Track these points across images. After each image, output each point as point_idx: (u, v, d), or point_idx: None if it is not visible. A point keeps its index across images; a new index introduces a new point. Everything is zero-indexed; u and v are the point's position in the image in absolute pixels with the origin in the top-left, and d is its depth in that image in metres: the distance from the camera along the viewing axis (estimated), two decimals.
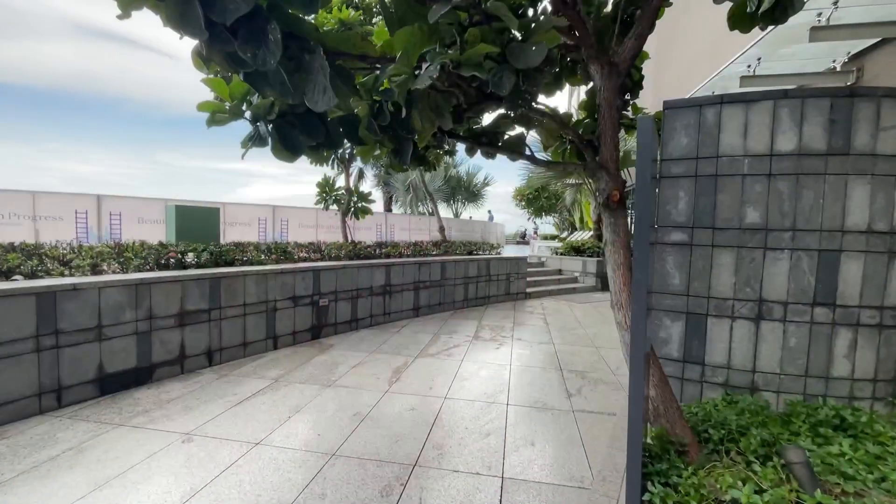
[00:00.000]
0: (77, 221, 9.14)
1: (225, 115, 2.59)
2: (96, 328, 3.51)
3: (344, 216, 7.36)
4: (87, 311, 3.45)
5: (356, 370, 4.37)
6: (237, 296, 4.58)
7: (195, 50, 2.17)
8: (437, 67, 1.84)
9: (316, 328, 5.52)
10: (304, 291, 5.32)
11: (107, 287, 3.55)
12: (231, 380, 4.03)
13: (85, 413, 3.26)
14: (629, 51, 2.71)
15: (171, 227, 4.84)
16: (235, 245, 5.39)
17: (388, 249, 7.07)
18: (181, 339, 4.11)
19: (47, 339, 3.23)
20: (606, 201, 2.69)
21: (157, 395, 3.62)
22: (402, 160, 3.27)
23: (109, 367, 3.60)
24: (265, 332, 4.91)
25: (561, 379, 4.26)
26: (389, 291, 6.59)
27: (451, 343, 5.51)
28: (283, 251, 5.59)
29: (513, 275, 9.01)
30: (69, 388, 3.37)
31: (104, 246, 4.39)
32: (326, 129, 2.92)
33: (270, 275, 4.91)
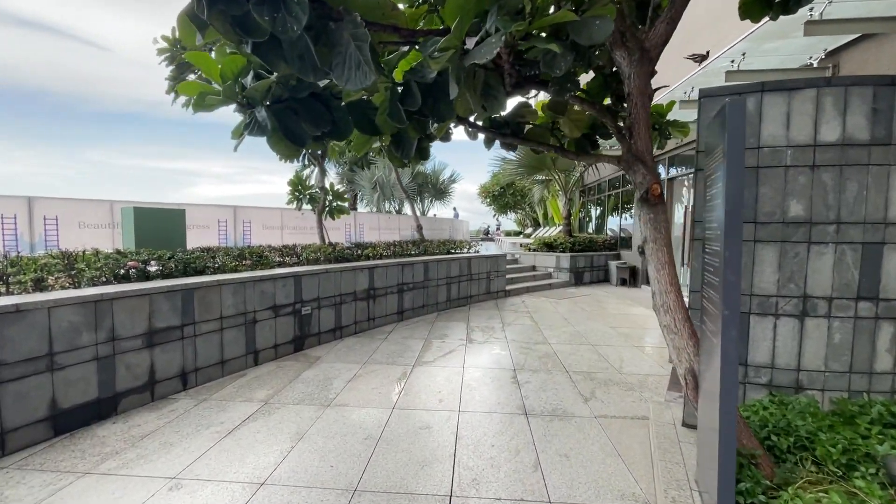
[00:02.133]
0: (4, 227, 7.96)
1: (217, 97, 2.16)
2: (47, 356, 2.93)
3: (320, 216, 6.85)
4: (35, 337, 2.87)
5: (353, 385, 3.99)
6: (213, 308, 4.06)
7: (187, 11, 1.75)
8: (501, 38, 1.55)
9: (299, 339, 5.06)
10: (285, 300, 4.85)
11: (58, 306, 2.98)
12: (213, 405, 3.54)
13: (37, 461, 2.70)
14: (660, 36, 2.54)
15: (129, 232, 4.22)
16: (204, 250, 4.82)
17: (368, 251, 6.67)
18: (150, 362, 3.56)
19: None
20: (645, 195, 2.51)
21: (127, 431, 3.09)
22: (406, 153, 2.95)
23: (64, 401, 3.03)
24: (244, 346, 4.40)
25: (570, 382, 4.09)
26: (374, 296, 6.20)
27: (445, 348, 5.23)
28: (259, 256, 5.07)
29: (493, 273, 8.84)
30: (14, 432, 2.79)
31: (49, 256, 3.74)
32: (332, 116, 2.56)
33: (249, 283, 4.40)
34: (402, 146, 2.93)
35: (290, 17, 1.58)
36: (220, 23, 1.64)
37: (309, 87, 2.39)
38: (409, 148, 2.89)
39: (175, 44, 5.78)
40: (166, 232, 4.49)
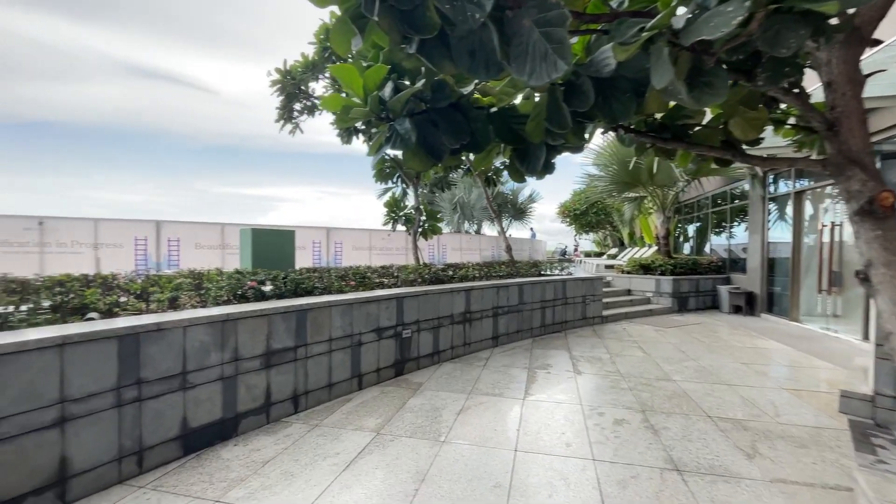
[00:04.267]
0: (136, 248, 8.99)
1: (362, 110, 2.03)
2: (180, 375, 2.98)
3: (415, 236, 6.81)
4: (172, 356, 2.93)
5: (465, 419, 3.69)
6: (323, 330, 4.01)
7: (349, 14, 1.63)
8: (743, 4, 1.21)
9: (399, 363, 4.89)
10: (387, 322, 4.72)
11: (192, 325, 3.04)
12: (325, 432, 3.42)
13: (170, 482, 2.69)
14: (877, 10, 2.03)
15: (247, 252, 4.38)
16: (309, 270, 4.88)
17: (463, 272, 6.45)
18: (267, 383, 3.55)
19: (129, 391, 2.71)
20: (869, 207, 1.97)
21: (248, 456, 3.03)
22: (531, 167, 2.63)
23: (194, 420, 3.05)
24: (350, 370, 4.31)
25: (718, 430, 3.44)
26: (469, 319, 5.93)
27: (553, 381, 4.77)
28: (362, 277, 5.04)
29: (588, 297, 8.21)
30: (151, 449, 2.83)
31: (179, 274, 3.94)
32: (471, 127, 2.35)
33: (356, 304, 4.33)
34: (527, 159, 2.63)
35: (471, 5, 1.38)
36: (387, 20, 1.49)
37: (449, 96, 2.20)
38: (536, 161, 2.59)
39: (286, 75, 6.11)
40: (278, 252, 4.61)
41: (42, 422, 2.35)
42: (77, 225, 8.87)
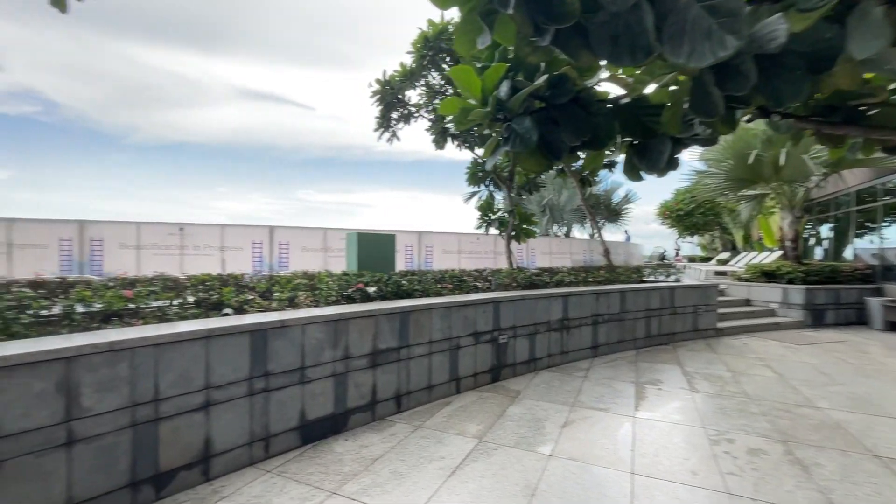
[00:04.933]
0: (254, 251, 10.10)
1: (483, 111, 1.99)
2: (300, 370, 3.19)
3: (509, 240, 6.70)
4: (293, 351, 3.15)
5: (570, 433, 3.48)
6: (424, 332, 4.07)
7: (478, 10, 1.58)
8: None
9: (496, 369, 4.81)
10: (484, 327, 4.67)
11: (310, 323, 3.24)
12: (428, 434, 3.44)
13: (292, 469, 2.88)
14: None
15: (353, 255, 4.63)
16: (410, 273, 5.00)
17: (558, 276, 6.18)
18: (373, 382, 3.68)
19: (259, 382, 2.96)
20: None
21: (358, 451, 3.15)
22: (653, 163, 2.38)
23: (310, 413, 3.25)
24: (448, 373, 4.32)
25: (892, 474, 2.84)
26: (567, 327, 5.65)
27: (666, 399, 4.33)
28: (459, 280, 5.05)
29: (700, 307, 7.41)
30: (276, 437, 3.06)
31: (294, 275, 4.26)
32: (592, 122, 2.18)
33: (454, 308, 4.34)
34: (648, 155, 2.39)
35: None
36: (521, 12, 1.42)
37: (570, 91, 2.07)
38: (659, 156, 2.34)
39: (385, 85, 6.38)
40: (381, 255, 4.80)
41: (192, 404, 2.65)
42: (208, 230, 10.22)
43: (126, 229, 10.76)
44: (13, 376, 2.02)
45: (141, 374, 2.43)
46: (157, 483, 2.51)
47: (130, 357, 2.39)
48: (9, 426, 2.02)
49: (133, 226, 10.81)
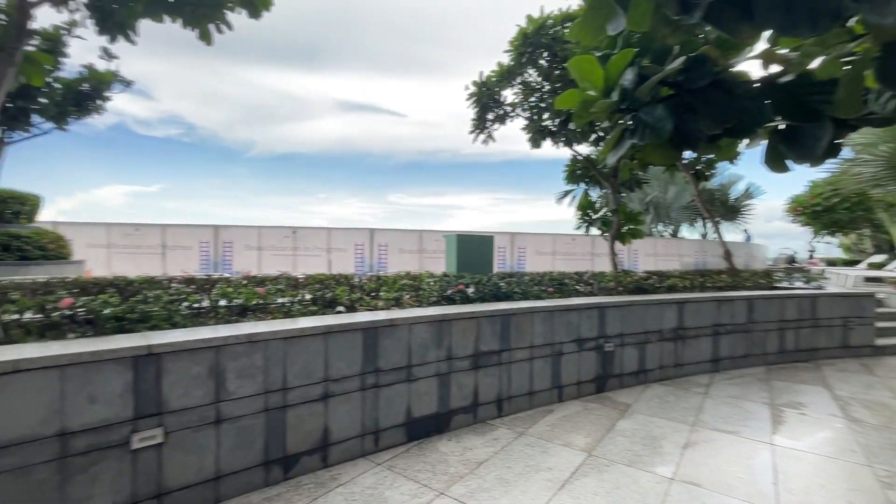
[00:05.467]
0: (356, 252, 10.83)
1: (607, 101, 1.85)
2: (406, 368, 3.29)
3: (612, 241, 6.29)
4: (401, 349, 3.25)
5: (694, 457, 3.12)
6: (525, 336, 3.96)
7: None
8: None
9: (601, 379, 4.51)
10: (588, 333, 4.41)
11: (416, 323, 3.32)
12: (532, 442, 3.33)
13: (400, 464, 2.97)
14: None
15: (452, 256, 4.69)
16: (507, 275, 4.91)
17: (670, 281, 5.63)
18: (475, 384, 3.66)
19: (370, 378, 3.11)
20: None
21: (463, 453, 3.14)
22: (809, 151, 2.01)
23: (416, 411, 3.33)
24: (550, 380, 4.15)
25: None
26: (682, 337, 5.12)
27: (812, 426, 3.70)
28: (560, 283, 4.84)
29: (852, 319, 6.25)
30: (384, 431, 3.18)
31: (399, 276, 4.42)
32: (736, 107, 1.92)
33: (556, 312, 4.16)
34: (801, 142, 2.03)
35: None
36: None
37: (709, 73, 1.83)
38: (816, 143, 1.97)
39: (482, 87, 6.37)
40: (479, 257, 4.80)
41: (313, 395, 2.85)
42: (316, 233, 11.20)
43: (250, 233, 12.25)
44: (178, 360, 2.34)
45: (272, 365, 2.68)
46: (284, 464, 2.75)
47: (264, 349, 2.64)
48: (174, 403, 2.34)
49: (255, 230, 12.27)
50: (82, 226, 12.33)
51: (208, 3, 3.65)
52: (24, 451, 1.95)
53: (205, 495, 2.46)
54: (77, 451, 2.07)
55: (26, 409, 1.96)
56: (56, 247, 8.85)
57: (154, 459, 2.28)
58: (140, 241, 12.68)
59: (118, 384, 2.17)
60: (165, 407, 2.31)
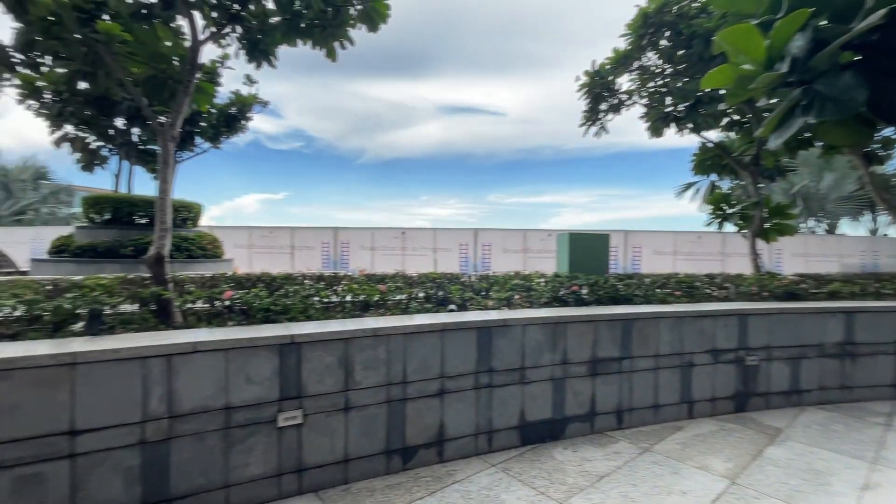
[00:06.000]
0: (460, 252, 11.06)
1: (773, 74, 1.58)
2: (519, 370, 3.21)
3: (754, 238, 5.47)
4: (514, 350, 3.19)
5: (878, 501, 2.55)
6: (649, 343, 3.62)
7: None
8: None
9: (741, 396, 3.94)
10: (726, 343, 3.88)
11: (530, 324, 3.23)
12: (659, 461, 3.02)
13: (514, 468, 2.90)
14: None
15: (564, 256, 4.49)
16: (626, 276, 4.55)
17: (834, 286, 4.70)
18: (592, 392, 3.44)
19: (483, 377, 3.09)
20: None
21: (581, 464, 2.97)
22: None
23: (529, 414, 3.24)
24: (679, 393, 3.74)
25: None
26: (851, 353, 4.25)
27: None
28: (690, 286, 4.34)
29: None
30: (497, 433, 3.15)
31: (509, 276, 4.35)
32: None
33: (686, 318, 3.73)
34: None
35: None
36: None
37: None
38: None
39: (594, 76, 6.01)
40: (593, 257, 4.52)
41: (430, 390, 2.93)
42: (423, 234, 11.68)
43: (364, 234, 13.25)
44: (314, 349, 2.57)
45: (394, 359, 2.80)
46: (403, 455, 2.86)
47: (387, 343, 2.77)
48: (311, 388, 2.57)
49: (369, 231, 13.24)
50: (229, 229, 14.47)
51: (334, 23, 3.98)
52: (200, 419, 2.30)
53: (335, 476, 2.66)
54: (237, 423, 2.38)
55: (201, 385, 2.30)
56: (213, 247, 10.47)
57: (295, 438, 2.53)
58: (273, 242, 14.48)
59: (268, 368, 2.45)
60: (304, 391, 2.55)
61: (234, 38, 4.04)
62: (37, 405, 1.96)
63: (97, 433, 2.08)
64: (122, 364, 2.12)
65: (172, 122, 3.37)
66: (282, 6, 3.86)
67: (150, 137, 10.35)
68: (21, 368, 1.93)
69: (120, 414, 2.12)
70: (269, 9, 3.91)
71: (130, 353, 2.14)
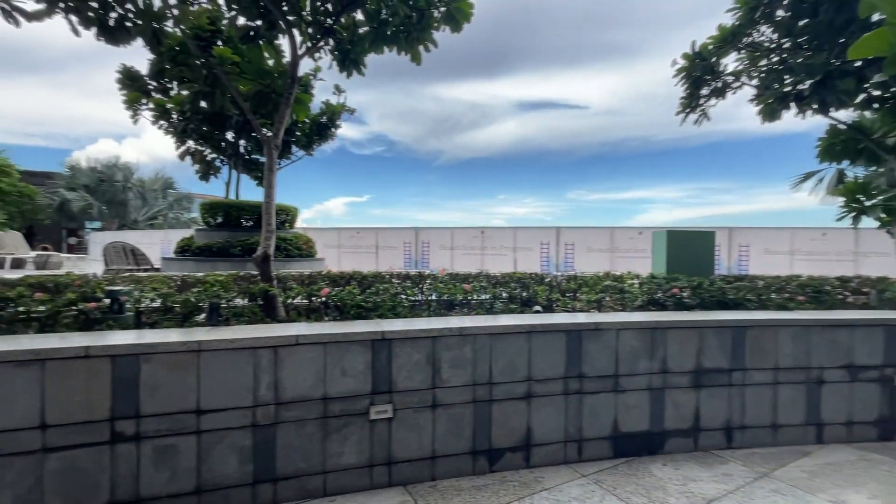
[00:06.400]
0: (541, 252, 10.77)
1: None
2: (613, 377, 3.01)
3: None
4: (606, 356, 3.00)
5: None
6: (765, 355, 3.20)
7: None
8: None
9: (888, 422, 3.33)
10: (867, 359, 3.30)
11: (624, 329, 3.02)
12: (781, 489, 2.64)
13: (608, 481, 2.72)
14: None
15: (661, 256, 4.14)
16: (735, 279, 4.07)
17: None
18: (695, 405, 3.13)
19: (572, 383, 2.95)
20: None
21: (684, 484, 2.70)
22: None
23: (623, 425, 3.03)
24: (803, 413, 3.26)
25: None
26: None
27: None
28: (817, 291, 3.77)
29: None
30: (588, 442, 2.98)
31: (597, 276, 4.12)
32: None
33: (814, 328, 3.24)
34: None
35: None
36: None
37: None
38: None
39: (694, 59, 5.47)
40: (696, 256, 4.10)
41: (516, 393, 2.85)
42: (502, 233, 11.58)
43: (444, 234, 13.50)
44: (403, 346, 2.63)
45: (479, 359, 2.78)
46: (489, 457, 2.82)
47: (473, 342, 2.76)
48: (400, 384, 2.63)
49: (448, 231, 13.46)
50: (320, 231, 15.56)
51: (419, 27, 4.06)
52: (301, 407, 2.46)
53: (423, 471, 2.70)
54: (333, 413, 2.52)
55: (302, 375, 2.46)
56: (307, 247, 11.32)
57: (385, 431, 2.61)
58: (360, 242, 15.31)
59: (361, 362, 2.56)
60: (394, 387, 2.62)
61: (326, 51, 4.30)
62: (171, 385, 2.23)
63: (217, 413, 2.31)
64: (237, 353, 2.34)
65: (276, 132, 3.66)
66: (370, 16, 4.03)
67: (254, 148, 11.47)
68: (159, 353, 2.21)
69: (235, 398, 2.34)
70: (359, 20, 4.10)
71: (244, 343, 2.35)
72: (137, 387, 2.18)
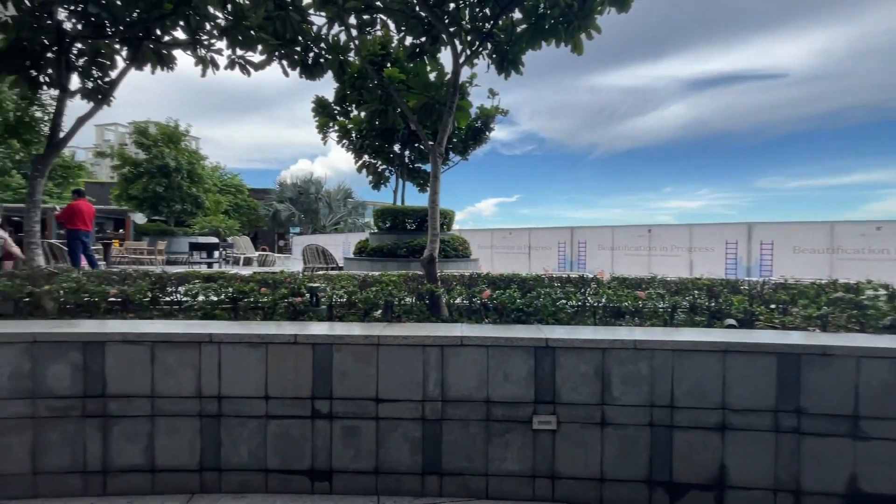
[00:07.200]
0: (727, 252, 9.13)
1: None
2: (849, 417, 2.31)
3: None
4: (839, 389, 2.32)
5: None
6: None
7: None
8: None
9: None
10: None
11: (868, 356, 2.29)
12: None
13: None
14: None
15: None
16: None
17: None
18: None
19: (787, 419, 2.36)
20: None
21: None
22: None
23: (865, 482, 2.29)
24: None
25: None
26: None
27: None
28: None
29: None
30: (809, 496, 2.34)
31: (821, 284, 3.24)
32: None
33: None
34: None
35: None
36: None
37: None
38: None
39: None
40: None
41: (706, 422, 2.42)
42: (674, 231, 10.19)
43: (603, 233, 12.58)
44: (568, 355, 2.46)
45: (658, 377, 2.43)
46: (670, 491, 2.45)
47: (650, 358, 2.43)
48: (564, 396, 2.47)
49: (609, 230, 12.49)
50: (473, 232, 16.11)
51: (581, 14, 3.80)
52: (465, 407, 2.51)
53: (589, 492, 2.49)
54: (496, 417, 2.50)
55: (466, 375, 2.51)
56: (463, 248, 11.84)
57: (549, 443, 2.49)
58: (512, 242, 15.37)
59: (523, 368, 2.49)
60: (558, 398, 2.47)
61: (484, 55, 4.37)
62: (356, 373, 2.51)
63: (392, 403, 2.51)
64: (409, 349, 2.51)
65: (440, 140, 3.86)
66: (527, 12, 3.94)
67: (417, 157, 12.49)
68: (347, 344, 2.50)
69: (407, 391, 2.51)
70: (517, 18, 4.05)
71: (414, 340, 2.51)
72: (331, 372, 2.51)
